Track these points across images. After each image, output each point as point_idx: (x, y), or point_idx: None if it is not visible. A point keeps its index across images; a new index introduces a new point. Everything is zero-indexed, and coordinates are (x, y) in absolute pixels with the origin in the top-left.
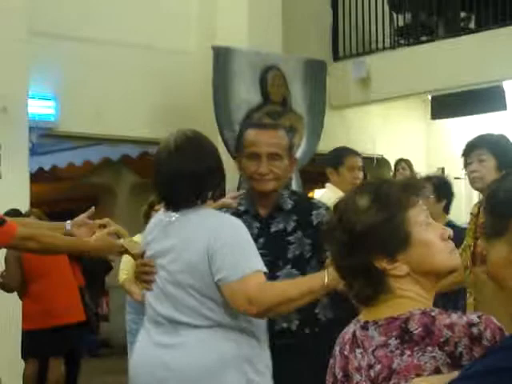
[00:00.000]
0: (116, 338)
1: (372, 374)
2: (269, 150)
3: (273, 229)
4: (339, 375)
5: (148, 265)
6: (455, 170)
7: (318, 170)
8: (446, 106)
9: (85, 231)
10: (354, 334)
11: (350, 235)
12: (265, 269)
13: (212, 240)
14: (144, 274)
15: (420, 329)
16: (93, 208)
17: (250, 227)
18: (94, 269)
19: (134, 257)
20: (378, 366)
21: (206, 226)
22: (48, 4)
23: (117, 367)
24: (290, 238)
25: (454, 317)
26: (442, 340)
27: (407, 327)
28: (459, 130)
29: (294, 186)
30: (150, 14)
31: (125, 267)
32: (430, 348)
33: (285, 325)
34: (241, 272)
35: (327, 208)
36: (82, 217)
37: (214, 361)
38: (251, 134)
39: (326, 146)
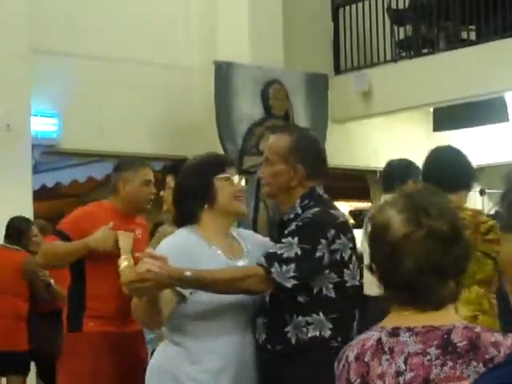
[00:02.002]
0: None
1: (401, 381)
2: (264, 155)
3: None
4: (356, 382)
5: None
6: None
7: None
8: (447, 118)
9: None
10: (378, 341)
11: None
12: None
13: None
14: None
15: (465, 342)
16: (111, 223)
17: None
18: None
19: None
20: (410, 374)
21: None
22: (50, 21)
23: None
24: None
25: (498, 336)
26: (487, 357)
27: (450, 338)
28: (461, 141)
29: None
30: (151, 29)
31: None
32: (474, 363)
33: (257, 336)
34: None
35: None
36: None
37: (150, 367)
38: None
39: (328, 159)
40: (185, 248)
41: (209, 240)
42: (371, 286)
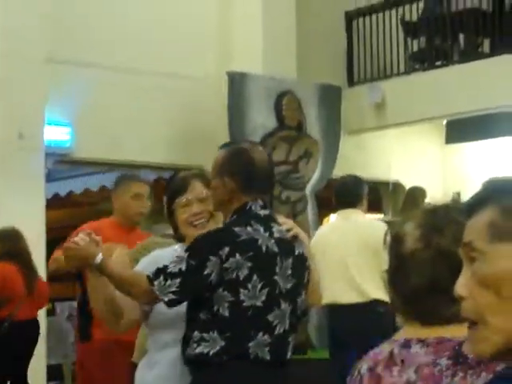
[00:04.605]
0: None
1: None
2: None
3: None
4: None
5: None
6: (471, 193)
7: (332, 196)
8: (460, 130)
9: None
10: (391, 353)
11: None
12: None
13: None
14: None
15: None
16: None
17: None
18: None
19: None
20: None
21: None
22: (65, 31)
23: None
24: None
25: None
26: (498, 369)
27: (461, 350)
28: (474, 154)
29: (309, 211)
30: (165, 40)
31: None
32: (484, 374)
33: None
34: None
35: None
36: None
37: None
38: None
39: (341, 170)
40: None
41: None
42: (344, 295)
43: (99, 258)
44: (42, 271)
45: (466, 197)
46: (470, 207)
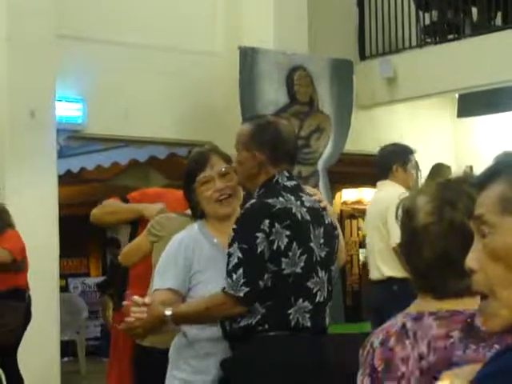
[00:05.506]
0: None
1: (424, 364)
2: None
3: None
4: (380, 367)
5: None
6: (483, 167)
7: (344, 170)
8: (472, 104)
9: None
10: (403, 326)
11: None
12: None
13: None
14: None
15: None
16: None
17: None
18: None
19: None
20: (433, 357)
21: None
22: (74, 7)
23: None
24: None
25: None
26: (510, 341)
27: (473, 323)
28: (486, 127)
29: (321, 186)
30: (175, 15)
31: None
32: (497, 346)
33: None
34: None
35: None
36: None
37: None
38: None
39: (353, 145)
40: (189, 245)
41: (213, 234)
42: (371, 271)
43: (168, 313)
44: (55, 248)
45: (477, 171)
46: (481, 181)
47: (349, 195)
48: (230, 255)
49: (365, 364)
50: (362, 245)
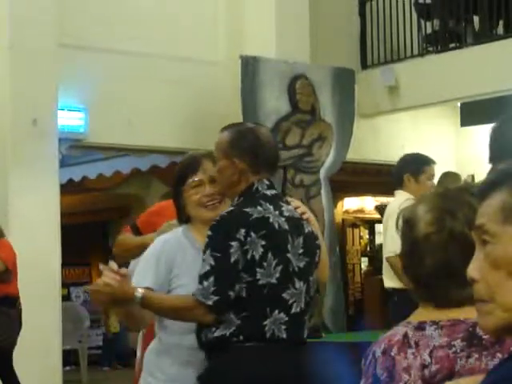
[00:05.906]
0: None
1: (426, 373)
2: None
3: None
4: (382, 376)
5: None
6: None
7: (346, 179)
8: (475, 112)
9: None
10: (405, 336)
11: None
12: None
13: None
14: None
15: None
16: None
17: None
18: None
19: None
20: (436, 367)
21: None
22: (77, 16)
23: None
24: None
25: None
26: None
27: (475, 331)
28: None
29: (323, 194)
30: (177, 24)
31: None
32: (499, 355)
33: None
34: None
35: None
36: None
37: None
38: None
39: (355, 154)
40: (173, 247)
41: (197, 238)
42: (389, 280)
43: (138, 294)
44: (57, 256)
45: (479, 180)
46: (482, 190)
47: (351, 204)
48: (203, 261)
49: (367, 373)
50: (364, 253)
